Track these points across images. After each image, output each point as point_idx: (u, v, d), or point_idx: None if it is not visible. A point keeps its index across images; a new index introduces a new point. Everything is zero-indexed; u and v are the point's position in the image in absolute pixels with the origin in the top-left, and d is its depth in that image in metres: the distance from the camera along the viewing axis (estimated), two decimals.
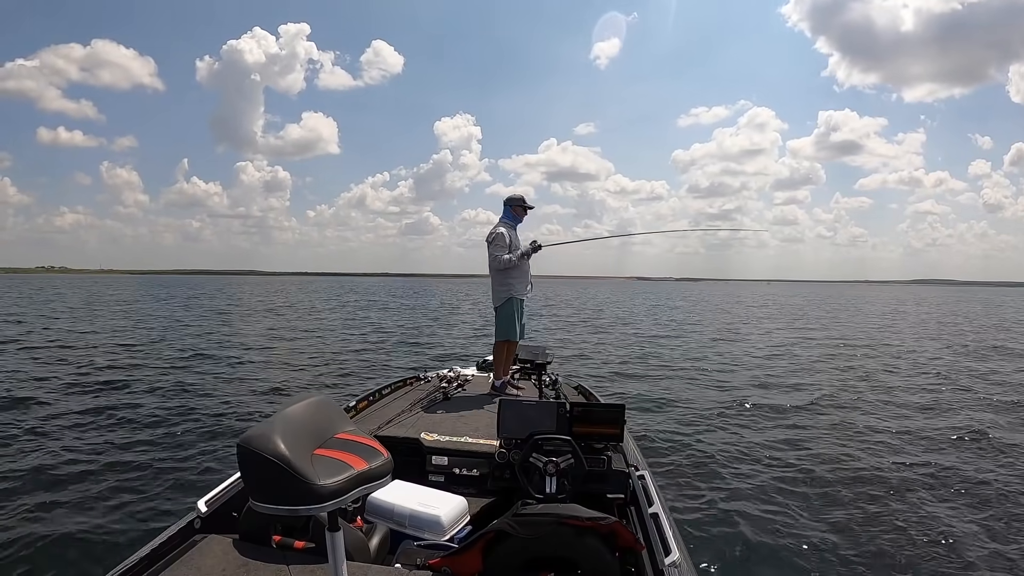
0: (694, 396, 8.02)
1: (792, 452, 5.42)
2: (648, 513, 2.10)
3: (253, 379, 8.94)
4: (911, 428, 6.42)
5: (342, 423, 1.27)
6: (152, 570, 1.70)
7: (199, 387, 8.10)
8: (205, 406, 6.91)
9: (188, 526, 1.96)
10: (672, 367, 10.78)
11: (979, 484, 4.65)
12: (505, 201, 4.40)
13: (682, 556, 1.85)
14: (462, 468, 2.78)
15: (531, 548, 1.64)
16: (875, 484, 4.64)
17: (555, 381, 4.21)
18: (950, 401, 7.92)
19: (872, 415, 7.02)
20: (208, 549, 1.78)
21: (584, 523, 1.63)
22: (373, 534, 2.00)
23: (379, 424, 3.16)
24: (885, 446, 5.69)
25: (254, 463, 1.06)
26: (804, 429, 6.29)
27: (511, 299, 4.28)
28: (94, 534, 3.55)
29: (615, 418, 2.52)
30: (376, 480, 1.17)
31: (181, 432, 5.75)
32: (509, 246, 4.22)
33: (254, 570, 1.68)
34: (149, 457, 4.97)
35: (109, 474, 4.55)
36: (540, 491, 2.25)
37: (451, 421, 3.30)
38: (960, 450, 5.58)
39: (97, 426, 5.90)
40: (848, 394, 8.37)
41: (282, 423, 1.13)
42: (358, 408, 3.48)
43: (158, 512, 3.86)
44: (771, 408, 7.28)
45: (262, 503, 1.07)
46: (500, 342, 4.30)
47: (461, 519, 2.29)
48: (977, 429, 6.26)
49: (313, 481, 1.05)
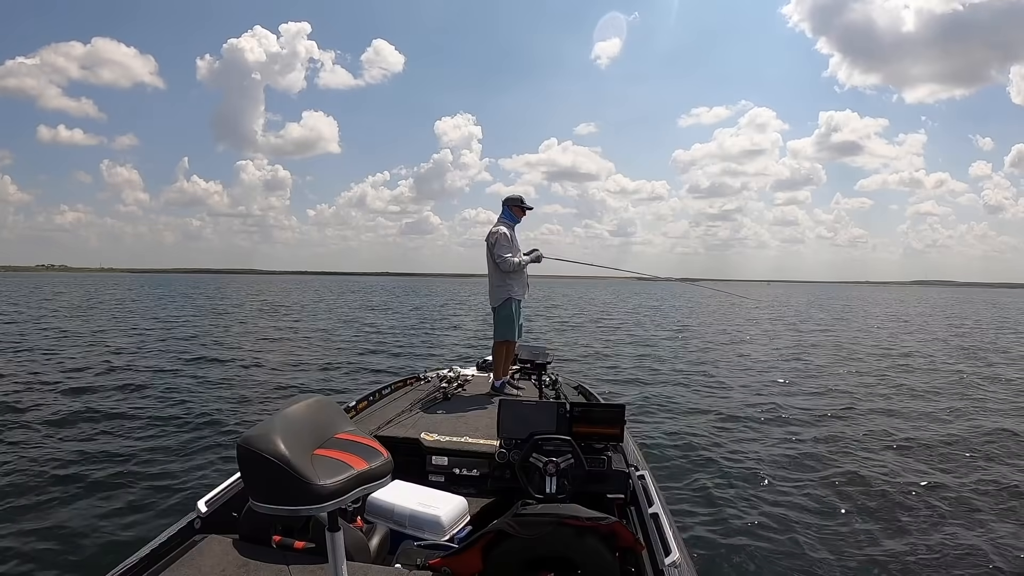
0: (694, 396, 8.02)
1: (792, 453, 5.42)
2: (648, 513, 2.10)
3: (253, 379, 8.94)
4: (913, 429, 6.41)
5: (342, 423, 1.27)
6: (152, 570, 1.70)
7: (199, 387, 8.09)
8: (205, 406, 6.90)
9: (188, 526, 1.96)
10: (672, 367, 10.77)
11: (976, 486, 4.65)
12: (504, 201, 4.40)
13: (682, 556, 1.85)
14: (462, 468, 2.78)
15: (531, 548, 1.64)
16: (876, 484, 4.63)
17: (555, 381, 4.21)
18: (956, 405, 7.91)
19: (873, 416, 7.02)
20: (208, 549, 1.78)
21: (584, 523, 1.63)
22: (373, 534, 2.01)
23: (379, 424, 3.16)
24: (886, 447, 5.69)
25: (254, 463, 1.06)
26: (804, 430, 6.29)
27: (510, 299, 4.30)
28: (94, 534, 3.55)
29: (615, 418, 2.52)
30: (376, 480, 1.16)
31: (181, 432, 5.75)
32: (511, 245, 4.25)
33: (254, 570, 1.68)
34: (149, 457, 4.97)
35: (109, 474, 4.54)
36: (540, 491, 2.24)
37: (451, 421, 3.30)
38: (965, 454, 5.56)
39: (96, 426, 5.89)
40: (849, 396, 8.36)
41: (282, 423, 1.13)
42: (358, 408, 3.48)
43: (158, 512, 3.86)
44: (771, 408, 7.28)
45: (262, 503, 1.07)
46: (499, 342, 4.31)
47: (461, 519, 2.29)
48: (988, 431, 6.26)
49: (313, 481, 1.05)
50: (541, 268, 4.49)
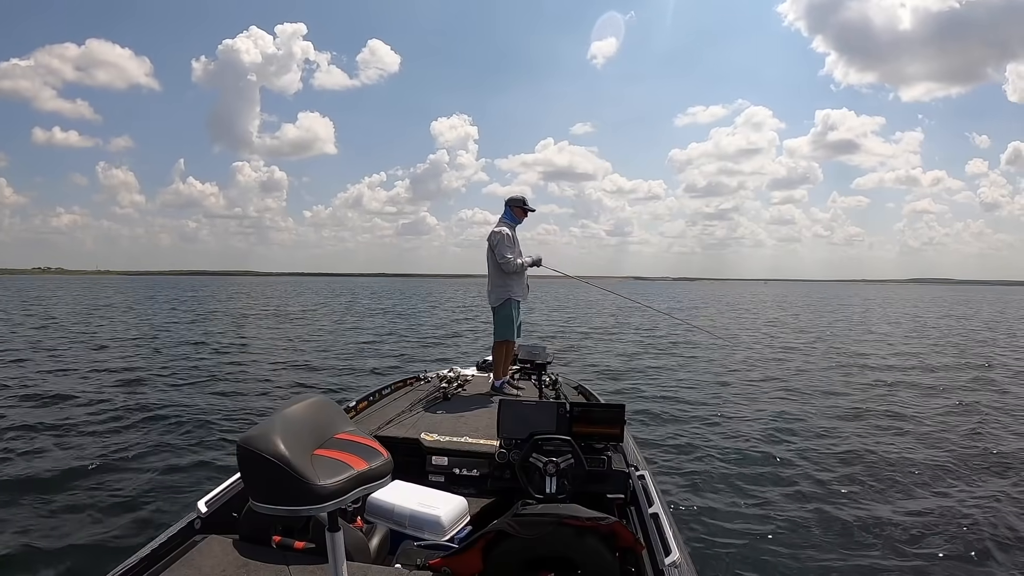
0: (694, 396, 8.01)
1: (793, 453, 5.42)
2: (648, 513, 2.10)
3: (252, 379, 8.93)
4: (914, 424, 6.43)
5: (342, 423, 1.27)
6: (152, 570, 1.70)
7: (198, 387, 8.08)
8: (204, 406, 6.90)
9: (188, 526, 1.96)
10: (672, 367, 10.77)
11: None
12: (507, 201, 4.42)
13: (682, 556, 1.85)
14: (462, 468, 2.78)
15: (531, 548, 1.64)
16: (877, 484, 4.63)
17: (555, 381, 4.21)
18: (955, 398, 7.93)
19: (876, 415, 6.99)
20: (208, 549, 1.78)
21: (584, 523, 1.63)
22: (373, 534, 2.00)
23: (379, 424, 3.16)
24: (889, 445, 5.67)
25: (254, 463, 1.06)
26: (805, 430, 6.28)
27: (509, 300, 4.32)
28: (94, 535, 3.54)
29: (615, 418, 2.52)
30: (376, 480, 1.16)
31: (181, 433, 5.74)
32: (513, 245, 4.29)
33: (254, 570, 1.67)
34: (149, 457, 4.96)
35: (109, 474, 4.54)
36: (540, 491, 2.24)
37: (451, 421, 3.30)
38: (972, 461, 5.52)
39: (95, 427, 5.88)
40: (851, 394, 8.37)
41: (282, 423, 1.13)
42: (358, 408, 3.48)
43: (158, 512, 3.85)
44: (772, 408, 7.28)
45: (262, 503, 1.07)
46: (499, 342, 4.33)
47: (461, 519, 2.29)
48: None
49: (313, 481, 1.04)
50: (539, 268, 4.52)
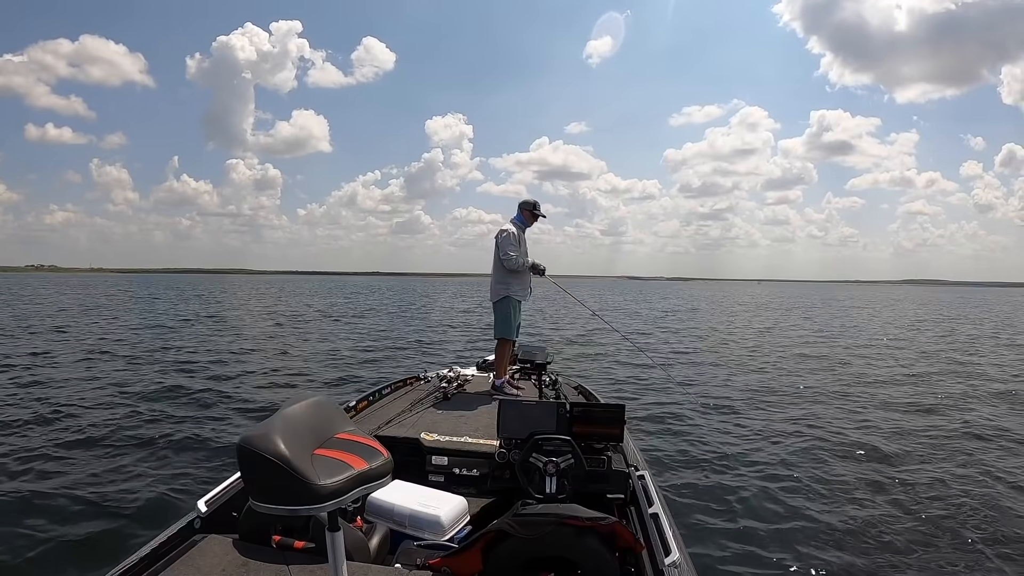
0: (694, 396, 8.01)
1: (793, 453, 5.42)
2: (648, 513, 2.11)
3: (252, 379, 8.91)
4: (915, 424, 6.43)
5: (342, 423, 1.28)
6: (152, 570, 1.70)
7: (197, 387, 8.06)
8: (204, 406, 6.89)
9: (188, 526, 1.96)
10: (672, 367, 10.77)
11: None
12: (520, 204, 4.60)
13: (682, 556, 1.85)
14: (462, 468, 2.78)
15: (531, 548, 1.64)
16: (878, 484, 4.63)
17: (555, 381, 4.22)
18: (947, 396, 7.93)
19: (877, 416, 7.00)
20: (208, 549, 1.78)
21: (584, 523, 1.63)
22: (373, 534, 2.01)
23: (379, 424, 3.16)
24: (890, 445, 5.67)
25: (254, 463, 1.06)
26: (805, 429, 6.28)
27: (508, 298, 4.39)
28: (94, 534, 3.54)
29: (615, 418, 2.52)
30: (376, 480, 1.17)
31: (180, 432, 5.72)
32: (518, 245, 4.41)
33: (254, 570, 1.67)
34: (148, 457, 4.95)
35: (109, 474, 4.53)
36: (540, 491, 2.24)
37: (451, 421, 3.30)
38: (964, 442, 5.57)
39: (95, 427, 5.87)
40: (851, 392, 8.36)
41: (282, 423, 1.13)
42: (358, 408, 3.49)
43: (158, 512, 3.84)
44: (771, 408, 7.28)
45: (262, 503, 1.07)
46: (500, 340, 4.36)
47: (461, 519, 2.29)
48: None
49: (313, 481, 1.05)
50: (540, 278, 4.66)
